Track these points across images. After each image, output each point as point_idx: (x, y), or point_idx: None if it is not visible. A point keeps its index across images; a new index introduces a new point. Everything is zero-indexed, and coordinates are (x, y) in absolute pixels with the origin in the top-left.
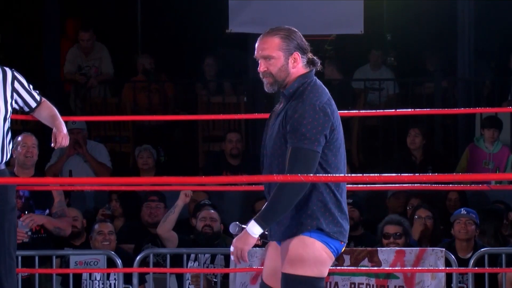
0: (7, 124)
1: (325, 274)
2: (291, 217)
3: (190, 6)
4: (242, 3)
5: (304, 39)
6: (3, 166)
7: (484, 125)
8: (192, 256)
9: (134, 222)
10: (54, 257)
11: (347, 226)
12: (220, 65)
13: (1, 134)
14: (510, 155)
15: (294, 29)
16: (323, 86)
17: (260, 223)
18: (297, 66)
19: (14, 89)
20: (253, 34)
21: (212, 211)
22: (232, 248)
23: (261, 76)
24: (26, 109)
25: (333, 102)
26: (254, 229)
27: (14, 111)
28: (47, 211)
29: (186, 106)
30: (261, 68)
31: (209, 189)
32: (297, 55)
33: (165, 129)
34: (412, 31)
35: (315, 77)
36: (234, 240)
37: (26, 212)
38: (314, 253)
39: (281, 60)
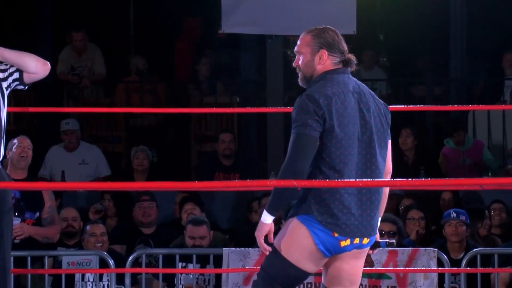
0: (4, 120)
1: (301, 265)
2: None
3: (183, 6)
4: (235, 3)
5: (338, 39)
6: None
7: (451, 131)
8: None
9: (126, 223)
10: (46, 257)
11: (347, 220)
12: (212, 65)
13: None
14: (483, 146)
15: (331, 29)
16: (342, 81)
17: (269, 211)
18: (324, 63)
19: (1, 79)
20: (245, 34)
21: (201, 228)
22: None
23: (296, 70)
24: (20, 86)
25: (344, 96)
26: (266, 217)
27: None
28: (37, 213)
29: (179, 107)
30: (295, 62)
31: (200, 190)
32: (323, 52)
33: (157, 130)
34: (405, 32)
35: (338, 75)
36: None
37: (17, 214)
38: (295, 238)
39: (308, 56)
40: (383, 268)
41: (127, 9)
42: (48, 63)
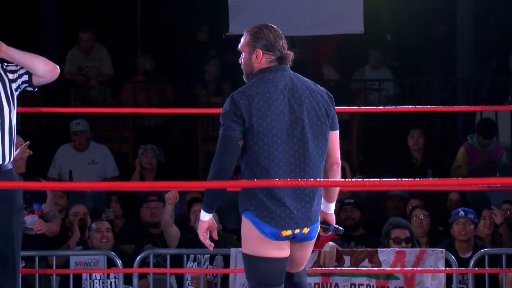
0: (14, 120)
1: (262, 253)
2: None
3: (190, 6)
4: (242, 4)
5: (275, 37)
6: (10, 165)
7: (480, 132)
8: (191, 256)
9: (134, 223)
10: (54, 257)
11: (281, 212)
12: (219, 65)
13: (8, 132)
14: (504, 152)
15: (269, 26)
16: (272, 80)
17: (204, 208)
18: (260, 61)
19: (10, 80)
20: None
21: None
22: None
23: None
24: (30, 88)
25: (270, 95)
26: (202, 215)
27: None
28: (43, 205)
29: (186, 107)
30: (239, 60)
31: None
32: (258, 51)
33: (165, 130)
34: (411, 31)
35: (270, 73)
36: None
37: (25, 206)
38: (244, 232)
39: (246, 55)
40: (390, 269)
41: (134, 9)
42: (58, 67)
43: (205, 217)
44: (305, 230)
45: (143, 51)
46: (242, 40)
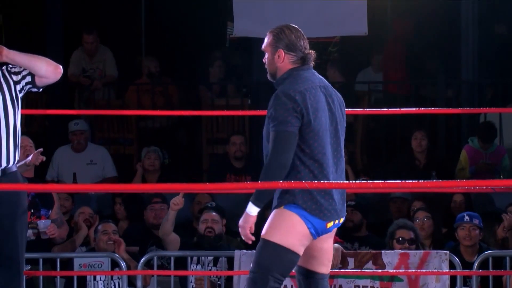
0: (18, 122)
1: (295, 248)
2: (276, 194)
3: (194, 8)
4: (246, 6)
5: (296, 37)
6: (14, 168)
7: (480, 136)
8: (195, 259)
9: (138, 224)
10: (58, 259)
11: (329, 205)
12: (224, 67)
13: (12, 134)
14: (505, 154)
15: (290, 27)
16: (308, 77)
17: (254, 202)
18: (283, 61)
19: (15, 82)
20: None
21: (214, 213)
22: (239, 229)
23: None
24: (34, 89)
25: (315, 91)
26: (251, 208)
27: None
28: (50, 211)
29: (190, 109)
30: (263, 59)
31: (211, 192)
32: (281, 52)
33: (169, 132)
34: (415, 33)
35: (303, 72)
36: (239, 221)
37: (32, 211)
38: (288, 224)
39: (270, 55)
40: (394, 271)
41: (138, 11)
42: (60, 66)
43: (254, 211)
44: (341, 220)
45: (147, 52)
46: (266, 40)
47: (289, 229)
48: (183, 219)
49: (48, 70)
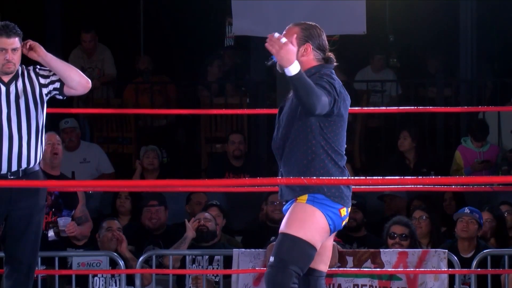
0: (41, 123)
1: (316, 243)
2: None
3: (193, 7)
4: (245, 5)
5: (325, 38)
6: (37, 167)
7: (472, 134)
8: (190, 258)
9: (136, 223)
10: (56, 258)
11: (348, 192)
12: (222, 66)
13: (35, 133)
14: (499, 153)
15: (318, 26)
16: (332, 73)
17: (297, 72)
18: (308, 56)
19: (41, 85)
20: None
21: (206, 213)
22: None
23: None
24: (59, 96)
25: (344, 90)
26: (292, 68)
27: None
28: (73, 211)
29: (189, 108)
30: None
31: (212, 190)
32: (308, 45)
33: (167, 131)
34: (414, 32)
35: (328, 70)
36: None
37: (53, 210)
38: (311, 218)
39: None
40: (393, 269)
41: (137, 10)
42: (90, 81)
43: (293, 69)
44: (349, 210)
45: (145, 51)
46: (287, 31)
47: (314, 225)
48: (178, 216)
49: (80, 83)
